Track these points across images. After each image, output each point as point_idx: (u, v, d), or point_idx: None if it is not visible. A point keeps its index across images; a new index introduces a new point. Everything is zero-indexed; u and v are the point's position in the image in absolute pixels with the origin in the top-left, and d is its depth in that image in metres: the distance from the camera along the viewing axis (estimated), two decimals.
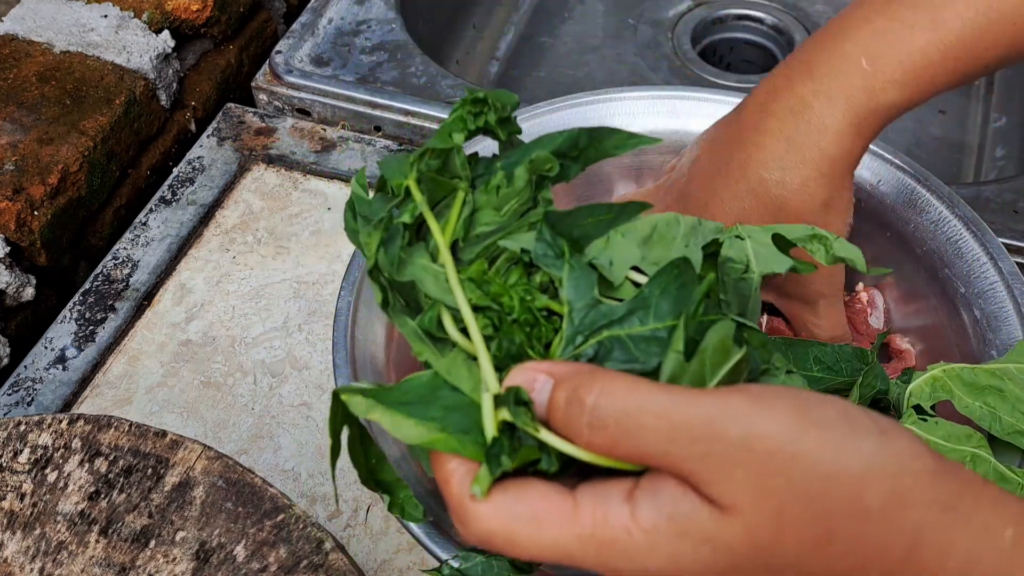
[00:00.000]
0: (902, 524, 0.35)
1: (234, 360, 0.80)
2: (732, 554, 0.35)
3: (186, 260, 0.87)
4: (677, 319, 0.40)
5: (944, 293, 0.70)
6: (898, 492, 0.35)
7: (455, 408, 0.40)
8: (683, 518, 0.35)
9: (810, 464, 0.34)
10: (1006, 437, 0.57)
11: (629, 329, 0.41)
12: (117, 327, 0.82)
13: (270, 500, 0.57)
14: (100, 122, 0.88)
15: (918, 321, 0.73)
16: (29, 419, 0.60)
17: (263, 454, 0.75)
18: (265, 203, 0.91)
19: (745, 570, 0.36)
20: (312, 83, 0.98)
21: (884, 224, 0.72)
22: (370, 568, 0.69)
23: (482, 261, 0.44)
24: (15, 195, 0.81)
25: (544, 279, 0.44)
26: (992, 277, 0.67)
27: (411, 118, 0.96)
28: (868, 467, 0.35)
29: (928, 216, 0.70)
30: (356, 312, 0.65)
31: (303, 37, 1.03)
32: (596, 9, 1.30)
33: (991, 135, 1.16)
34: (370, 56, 1.01)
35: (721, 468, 0.34)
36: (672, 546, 0.35)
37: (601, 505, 0.36)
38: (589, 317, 0.41)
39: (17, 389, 0.78)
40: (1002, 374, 0.58)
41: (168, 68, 0.97)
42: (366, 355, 0.64)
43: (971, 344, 0.67)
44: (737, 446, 0.34)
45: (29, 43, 0.94)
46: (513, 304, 0.42)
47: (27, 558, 0.56)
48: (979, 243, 0.68)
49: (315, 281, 0.85)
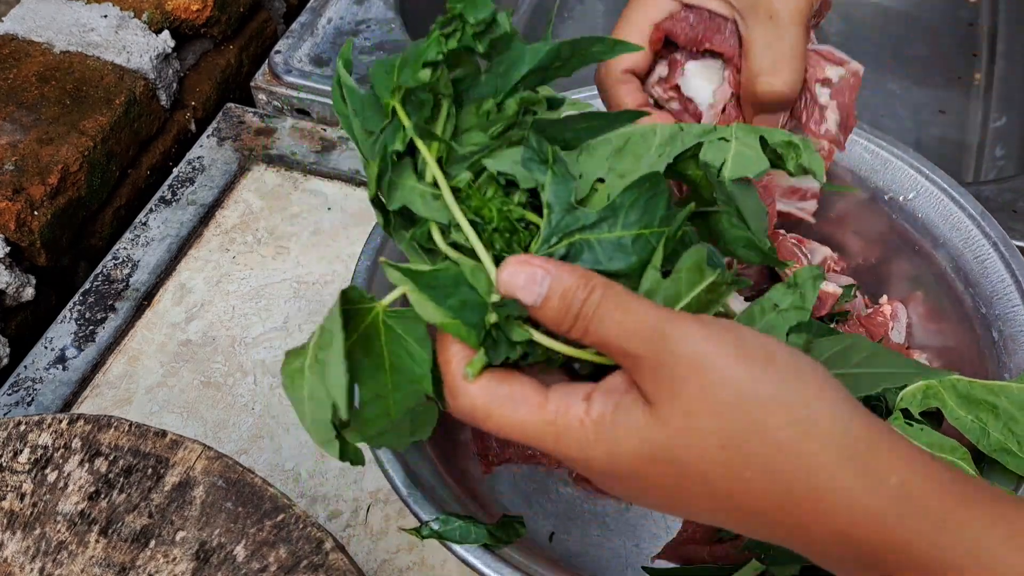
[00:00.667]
0: (808, 459, 0.40)
1: (234, 360, 0.80)
2: (652, 446, 0.41)
3: (186, 260, 0.87)
4: (643, 228, 0.46)
5: (965, 312, 0.70)
6: (800, 423, 0.40)
7: (469, 304, 0.45)
8: (623, 411, 0.42)
9: (721, 379, 0.40)
10: (992, 453, 0.57)
11: (599, 234, 0.45)
12: (117, 327, 0.82)
13: (270, 500, 0.57)
14: (100, 122, 0.88)
15: (939, 340, 0.73)
16: (29, 419, 0.60)
17: (263, 454, 0.75)
18: (265, 203, 0.91)
19: (660, 462, 0.42)
20: (311, 83, 0.99)
21: (915, 239, 0.73)
22: (370, 568, 0.69)
23: (468, 176, 0.48)
24: (15, 195, 0.81)
25: (523, 197, 0.48)
26: (1015, 300, 0.67)
27: None
28: (775, 395, 0.40)
29: (959, 234, 0.71)
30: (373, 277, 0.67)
31: (302, 37, 1.03)
32: (596, 9, 1.30)
33: (991, 135, 1.16)
34: (369, 56, 1.01)
35: (654, 369, 0.41)
36: (611, 434, 0.42)
37: (565, 399, 0.43)
38: (565, 221, 0.46)
39: (17, 389, 0.78)
40: (999, 391, 0.58)
41: (168, 68, 0.97)
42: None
43: (986, 366, 0.67)
44: (671, 353, 0.41)
45: (29, 43, 0.94)
46: (492, 215, 0.46)
47: (27, 558, 0.56)
48: (1005, 264, 0.68)
49: (315, 281, 0.85)
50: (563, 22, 1.29)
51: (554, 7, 1.31)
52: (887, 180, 0.74)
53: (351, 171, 0.94)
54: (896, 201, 0.73)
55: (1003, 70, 1.22)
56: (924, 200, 0.72)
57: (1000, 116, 1.17)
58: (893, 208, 0.73)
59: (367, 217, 0.90)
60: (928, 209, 0.72)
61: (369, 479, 0.73)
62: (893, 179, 0.73)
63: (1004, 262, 0.68)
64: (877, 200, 0.74)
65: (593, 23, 1.28)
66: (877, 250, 0.76)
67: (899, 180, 0.73)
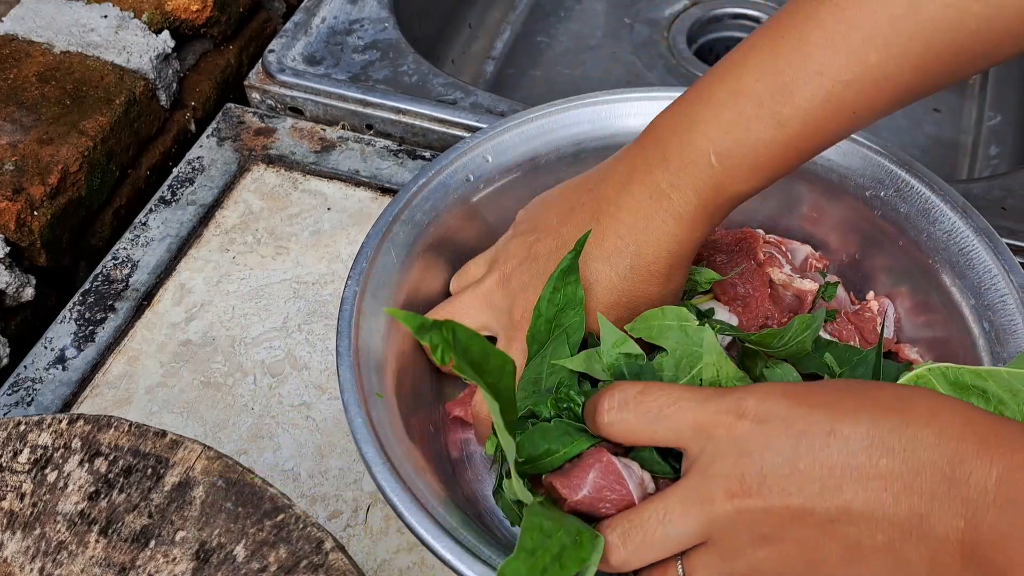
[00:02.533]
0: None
1: (234, 360, 0.80)
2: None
3: (186, 260, 0.87)
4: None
5: (954, 304, 0.70)
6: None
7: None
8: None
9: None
10: None
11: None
12: (117, 327, 0.83)
13: (270, 500, 0.57)
14: (100, 122, 0.88)
15: (928, 332, 0.73)
16: (29, 419, 0.61)
17: (263, 454, 0.75)
18: (265, 203, 0.91)
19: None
20: (304, 82, 0.99)
21: (897, 233, 0.73)
22: (370, 568, 0.69)
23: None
24: (15, 195, 0.81)
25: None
26: (1003, 289, 0.67)
27: (402, 116, 0.97)
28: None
29: (942, 226, 0.71)
30: (362, 302, 0.66)
31: (296, 36, 1.03)
32: (593, 8, 1.30)
33: (985, 133, 1.16)
34: (362, 55, 1.02)
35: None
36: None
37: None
38: None
39: (17, 389, 0.79)
40: (988, 376, 0.58)
41: (168, 68, 0.97)
42: (369, 345, 0.65)
43: (980, 357, 0.67)
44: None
45: (29, 43, 0.94)
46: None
47: (27, 558, 0.56)
48: (992, 255, 0.68)
49: (315, 281, 0.86)
50: (560, 21, 1.30)
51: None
52: (867, 175, 0.74)
53: (351, 171, 0.94)
54: (877, 196, 0.73)
55: (997, 69, 1.22)
56: (904, 196, 0.73)
57: (994, 115, 1.17)
58: (874, 203, 0.73)
59: (367, 217, 0.90)
60: (909, 205, 0.72)
61: (369, 479, 0.73)
62: (873, 174, 0.74)
63: (990, 252, 0.68)
64: (857, 196, 0.74)
65: (590, 22, 1.28)
66: (858, 245, 0.76)
67: (879, 175, 0.73)
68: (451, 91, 0.98)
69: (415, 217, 0.72)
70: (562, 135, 0.78)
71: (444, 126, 0.96)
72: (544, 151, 0.77)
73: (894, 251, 0.73)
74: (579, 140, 0.78)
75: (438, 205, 0.74)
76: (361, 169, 0.94)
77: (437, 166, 0.75)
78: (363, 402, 0.61)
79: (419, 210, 0.73)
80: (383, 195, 0.92)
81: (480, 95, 0.97)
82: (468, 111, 0.96)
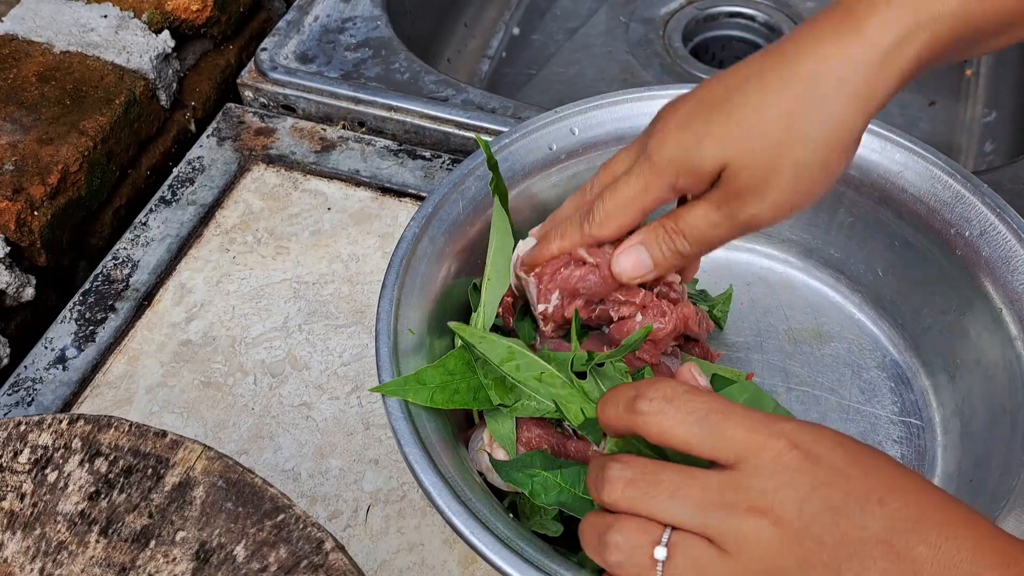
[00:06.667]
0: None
1: (234, 360, 0.81)
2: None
3: (186, 260, 0.87)
4: None
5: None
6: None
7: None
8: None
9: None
10: None
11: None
12: (117, 327, 0.83)
13: (270, 500, 0.57)
14: (100, 122, 0.89)
15: None
16: (29, 419, 0.61)
17: (263, 454, 0.75)
18: (265, 203, 0.92)
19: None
20: (296, 79, 0.99)
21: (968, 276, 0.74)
22: (370, 568, 0.69)
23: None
24: (15, 195, 0.81)
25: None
26: None
27: (394, 113, 0.97)
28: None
29: (1020, 278, 0.71)
30: (419, 242, 0.70)
31: (288, 35, 1.04)
32: (589, 7, 1.30)
33: (980, 130, 1.16)
34: (354, 53, 1.02)
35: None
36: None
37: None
38: None
39: (17, 389, 0.79)
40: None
41: (168, 68, 0.97)
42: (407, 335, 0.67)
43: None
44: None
45: (29, 43, 0.94)
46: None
47: (27, 558, 0.56)
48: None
49: (315, 281, 0.86)
50: (555, 20, 1.30)
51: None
52: (956, 212, 0.75)
53: (351, 171, 0.94)
54: (961, 235, 0.74)
55: (993, 66, 1.22)
56: (991, 238, 0.73)
57: (990, 112, 1.17)
58: (957, 242, 0.75)
59: (367, 217, 0.90)
60: (992, 247, 0.73)
61: (369, 479, 0.73)
62: (963, 212, 0.74)
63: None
64: (943, 232, 0.75)
65: (589, 21, 1.28)
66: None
67: (968, 214, 0.74)
68: (442, 88, 0.98)
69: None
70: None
71: (435, 123, 0.97)
72: (630, 135, 0.76)
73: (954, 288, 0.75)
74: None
75: (515, 166, 0.75)
76: (361, 169, 0.94)
77: (517, 132, 0.76)
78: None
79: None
80: (383, 195, 0.92)
81: (471, 92, 0.98)
82: (459, 108, 0.96)
